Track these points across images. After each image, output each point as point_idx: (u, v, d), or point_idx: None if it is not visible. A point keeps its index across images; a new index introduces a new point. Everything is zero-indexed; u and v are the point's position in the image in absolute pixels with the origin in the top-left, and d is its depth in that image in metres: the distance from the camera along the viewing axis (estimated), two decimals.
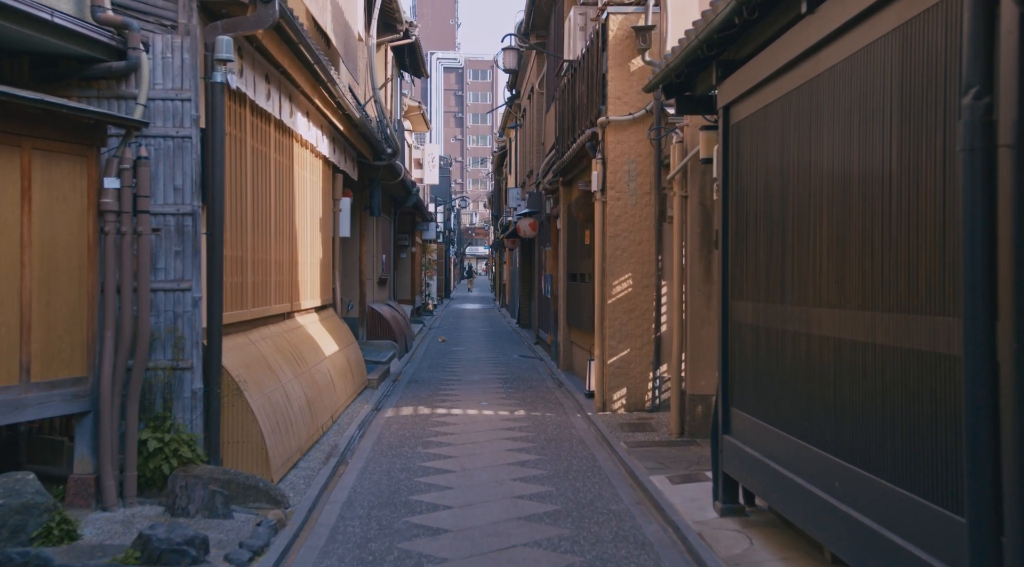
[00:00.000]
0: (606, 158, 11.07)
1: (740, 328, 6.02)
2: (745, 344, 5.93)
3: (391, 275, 21.93)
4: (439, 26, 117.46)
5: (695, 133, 9.13)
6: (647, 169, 11.00)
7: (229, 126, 7.38)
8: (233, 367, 6.92)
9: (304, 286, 10.57)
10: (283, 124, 9.17)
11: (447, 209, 49.50)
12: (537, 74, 21.25)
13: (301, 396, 8.48)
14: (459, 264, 78.16)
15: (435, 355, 18.96)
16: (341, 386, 10.77)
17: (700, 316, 9.24)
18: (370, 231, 18.11)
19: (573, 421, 10.62)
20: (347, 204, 13.06)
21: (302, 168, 10.43)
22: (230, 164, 7.39)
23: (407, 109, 31.73)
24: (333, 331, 11.68)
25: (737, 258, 6.11)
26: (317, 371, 9.65)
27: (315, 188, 11.29)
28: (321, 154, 11.49)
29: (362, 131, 12.67)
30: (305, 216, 10.64)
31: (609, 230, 11.03)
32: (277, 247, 9.12)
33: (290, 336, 9.32)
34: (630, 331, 11.00)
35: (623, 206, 11.03)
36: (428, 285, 37.69)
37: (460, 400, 12.22)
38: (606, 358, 11.05)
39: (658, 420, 10.25)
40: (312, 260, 11.15)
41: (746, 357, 5.93)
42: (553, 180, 16.17)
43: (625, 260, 11.03)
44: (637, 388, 10.98)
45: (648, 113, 10.88)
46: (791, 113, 5.04)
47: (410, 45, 23.05)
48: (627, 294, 11.03)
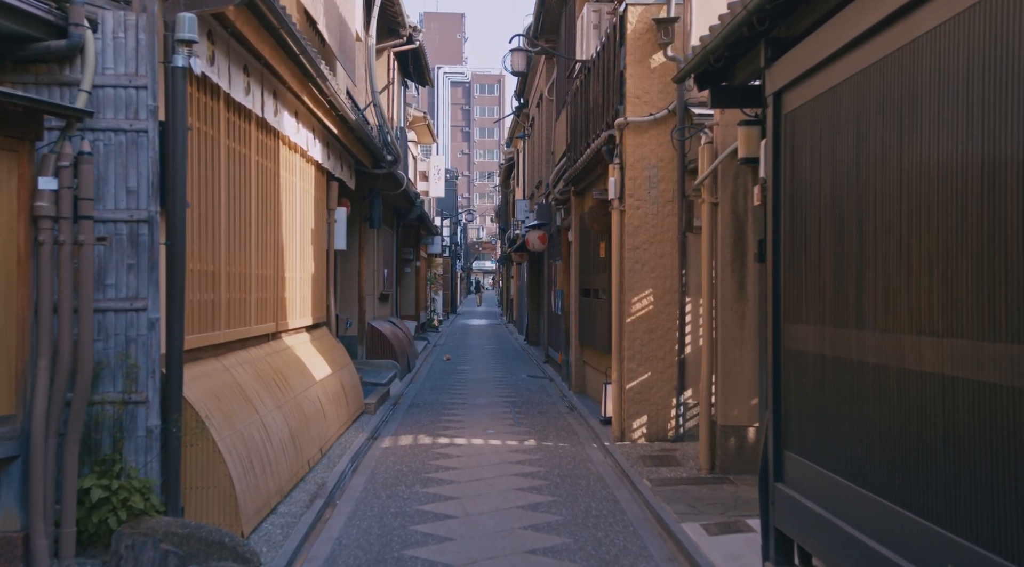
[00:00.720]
0: (624, 163, 10.10)
1: (797, 357, 5.02)
2: (804, 376, 4.93)
3: (393, 290, 20.97)
4: (446, 41, 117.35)
5: (726, 132, 8.16)
6: (669, 175, 10.03)
7: (198, 121, 6.44)
8: (198, 399, 5.94)
9: (292, 303, 9.60)
10: (267, 124, 8.23)
11: (453, 223, 48.62)
12: (547, 80, 20.34)
13: (283, 429, 7.49)
14: (466, 279, 77.32)
15: (439, 375, 17.97)
16: (333, 413, 9.78)
17: (733, 337, 8.25)
18: (370, 244, 17.16)
19: (589, 453, 9.61)
20: (343, 214, 12.11)
21: (291, 173, 9.48)
22: (199, 164, 6.44)
23: (412, 119, 30.86)
24: (326, 352, 10.71)
25: (793, 272, 5.12)
26: (305, 398, 8.66)
27: (306, 196, 10.35)
28: (313, 159, 10.54)
29: (359, 135, 11.73)
30: (294, 226, 9.68)
31: (628, 242, 10.05)
32: (259, 260, 8.16)
33: (274, 359, 8.34)
34: (651, 353, 10.01)
35: (643, 215, 10.06)
36: (433, 300, 36.73)
37: (465, 427, 11.22)
38: (624, 382, 10.05)
39: (683, 452, 9.24)
40: (303, 275, 10.19)
41: (805, 392, 4.93)
42: (564, 189, 15.21)
43: (645, 275, 10.04)
44: (659, 416, 9.98)
45: (671, 113, 9.92)
46: (871, 93, 4.06)
47: (414, 51, 22.18)
48: (648, 312, 10.04)
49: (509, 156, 35.77)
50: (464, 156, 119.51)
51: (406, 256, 27.14)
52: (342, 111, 10.15)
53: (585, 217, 12.78)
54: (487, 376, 17.78)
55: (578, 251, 14.60)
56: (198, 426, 5.81)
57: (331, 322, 11.83)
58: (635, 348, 10.02)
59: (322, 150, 10.77)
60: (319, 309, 11.15)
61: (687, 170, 9.87)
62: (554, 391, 15.24)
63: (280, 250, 8.99)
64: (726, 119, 8.19)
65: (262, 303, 8.25)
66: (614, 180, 10.15)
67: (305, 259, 10.35)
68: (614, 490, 7.86)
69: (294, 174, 9.63)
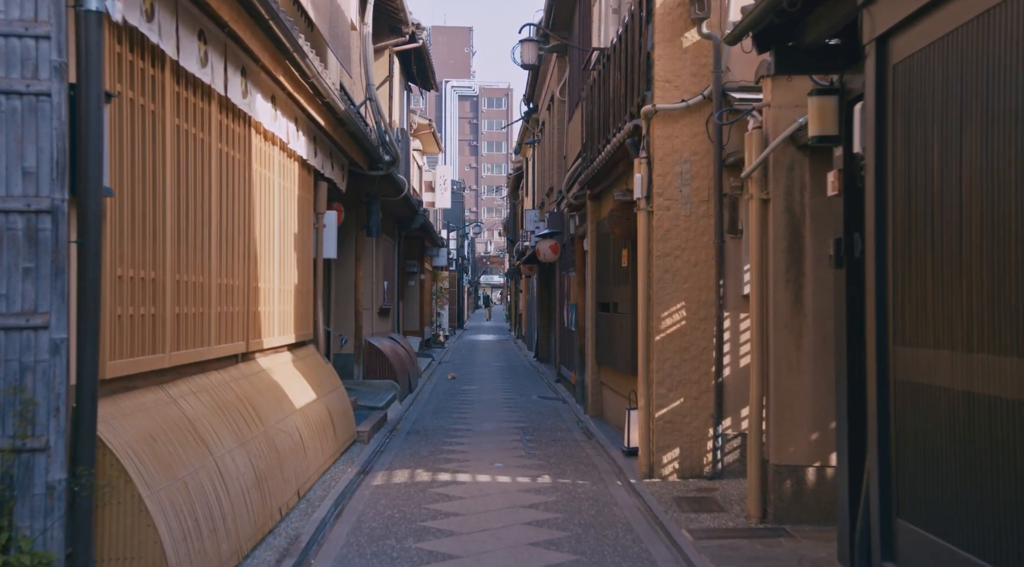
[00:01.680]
0: (652, 157, 8.79)
1: (917, 392, 3.69)
2: (928, 419, 3.60)
3: (395, 305, 19.66)
4: (454, 54, 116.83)
5: (780, 115, 6.85)
6: (704, 170, 8.71)
7: (132, 91, 5.14)
8: (124, 443, 4.62)
9: (269, 319, 8.29)
10: (233, 106, 6.94)
11: (460, 235, 47.39)
12: (558, 80, 19.07)
13: (246, 471, 6.16)
14: (473, 293, 76.08)
15: (443, 396, 16.62)
16: (316, 447, 8.44)
17: (787, 360, 6.89)
18: (368, 254, 15.86)
19: (613, 493, 8.25)
20: (333, 219, 10.81)
21: (267, 168, 8.19)
22: (134, 145, 5.14)
23: (417, 127, 29.66)
24: (311, 374, 9.38)
25: (909, 279, 3.78)
26: (280, 431, 7.33)
27: (287, 196, 9.05)
28: (296, 154, 9.25)
29: (351, 129, 10.44)
30: (271, 229, 8.38)
31: (656, 248, 8.72)
32: (224, 267, 6.85)
33: (243, 386, 7.02)
34: (684, 376, 8.66)
35: (674, 217, 8.73)
36: (439, 315, 35.42)
37: (469, 459, 9.87)
38: (653, 410, 8.70)
39: (724, 493, 7.88)
40: (283, 286, 8.88)
41: (927, 440, 3.60)
42: (579, 193, 13.89)
43: (677, 286, 8.71)
44: (693, 448, 8.62)
45: (706, 99, 8.61)
46: None
47: (418, 52, 20.96)
48: (679, 329, 8.70)
49: (517, 165, 34.53)
50: (472, 170, 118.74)
51: (410, 269, 25.86)
52: (328, 98, 8.87)
53: (604, 222, 11.45)
54: (495, 397, 16.43)
55: (594, 261, 13.28)
56: (120, 478, 4.49)
57: (319, 339, 10.51)
58: (665, 370, 8.67)
59: (307, 144, 9.48)
60: (304, 325, 9.84)
61: (725, 164, 8.56)
62: (568, 415, 13.88)
63: (253, 256, 7.69)
64: (779, 99, 6.87)
65: (227, 319, 6.94)
66: (640, 176, 8.83)
67: (287, 268, 9.04)
68: (648, 545, 6.50)
69: (271, 169, 8.33)
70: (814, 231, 6.87)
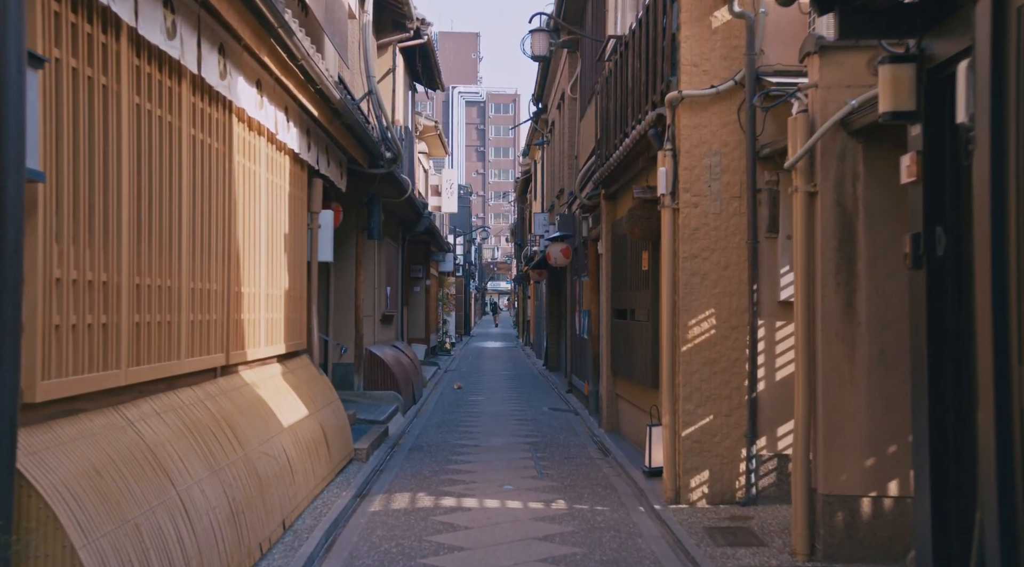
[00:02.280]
0: (678, 149, 7.97)
1: None
2: None
3: (399, 311, 18.85)
4: (461, 60, 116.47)
5: (830, 97, 6.03)
6: (736, 164, 7.88)
7: (76, 59, 4.34)
8: (55, 482, 3.81)
9: (255, 327, 7.48)
10: (210, 88, 6.15)
11: (467, 240, 46.63)
12: (569, 77, 18.27)
13: (219, 505, 5.35)
14: (480, 299, 75.32)
15: (448, 407, 15.79)
16: (307, 469, 7.63)
17: (838, 374, 6.05)
18: (369, 258, 15.06)
19: (637, 521, 7.40)
20: (329, 219, 10.02)
21: (252, 161, 7.39)
22: (77, 122, 4.34)
23: (423, 129, 28.92)
24: (302, 388, 8.57)
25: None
26: (263, 454, 6.52)
27: (277, 193, 8.25)
28: (287, 147, 8.45)
29: (348, 122, 9.64)
30: (258, 229, 7.58)
31: (683, 249, 7.90)
32: (198, 270, 6.05)
33: (220, 404, 6.21)
34: (713, 390, 7.82)
35: (702, 215, 7.90)
36: (445, 322, 34.62)
37: (476, 480, 9.04)
38: (679, 428, 7.86)
39: (761, 522, 7.04)
40: (272, 291, 8.08)
41: None
42: (593, 193, 13.07)
43: (705, 291, 7.88)
44: (724, 471, 7.78)
45: (737, 85, 7.79)
46: None
47: (423, 49, 20.21)
48: (708, 338, 7.86)
49: (526, 167, 33.76)
50: (479, 176, 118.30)
51: (415, 274, 25.07)
52: (321, 85, 8.07)
53: (622, 222, 10.65)
54: (503, 409, 15.59)
55: (610, 265, 12.46)
56: (48, 525, 3.68)
57: (313, 349, 9.70)
58: (692, 384, 7.84)
59: (299, 137, 8.68)
60: (296, 333, 9.03)
61: (759, 156, 7.74)
62: (581, 429, 13.04)
63: (235, 257, 6.88)
64: (829, 78, 6.05)
65: (202, 328, 6.13)
66: (664, 170, 8.01)
67: (276, 271, 8.24)
68: None
69: (257, 162, 7.53)
70: (868, 227, 6.04)
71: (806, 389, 6.16)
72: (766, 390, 7.76)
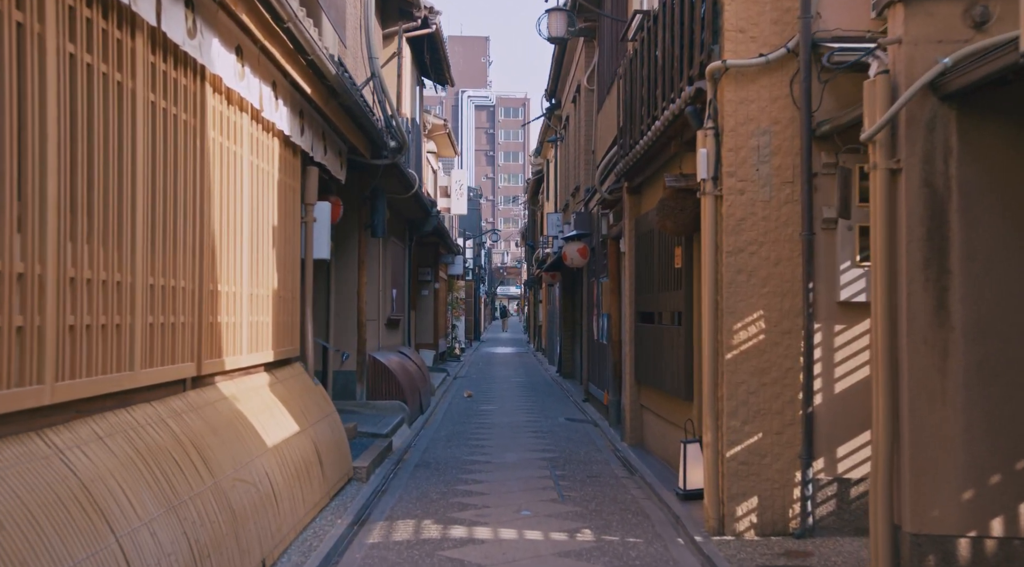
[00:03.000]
0: (721, 128, 6.96)
1: None
2: None
3: (405, 315, 17.86)
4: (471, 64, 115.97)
5: (915, 55, 5.03)
6: (787, 144, 6.87)
7: None
8: None
9: (235, 332, 6.49)
10: (175, 48, 5.17)
11: (477, 244, 45.71)
12: (585, 67, 17.29)
13: (176, 550, 4.35)
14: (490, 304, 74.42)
15: (458, 417, 14.78)
16: (295, 496, 6.63)
17: (927, 389, 5.03)
18: (373, 258, 14.08)
19: (677, 557, 6.38)
20: (325, 211, 9.03)
21: (232, 140, 6.41)
22: None
23: (431, 127, 28.00)
24: (293, 400, 7.58)
25: None
26: (239, 482, 5.52)
27: (264, 179, 7.27)
28: (276, 129, 7.48)
29: (346, 103, 8.66)
30: (239, 218, 6.59)
31: (727, 242, 6.88)
32: (159, 262, 5.07)
33: (187, 423, 5.22)
34: (762, 404, 6.80)
35: (749, 203, 6.89)
36: (455, 327, 33.65)
37: (489, 504, 8.03)
38: (723, 447, 6.84)
39: (823, 559, 6.02)
40: (257, 290, 7.09)
41: None
42: (615, 187, 12.07)
43: (753, 290, 6.86)
44: (775, 497, 6.76)
45: (790, 53, 6.78)
46: None
47: (431, 40, 19.26)
48: (756, 345, 6.84)
49: (537, 167, 32.77)
50: (488, 180, 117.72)
51: (423, 277, 24.11)
52: (313, 55, 7.09)
53: (652, 215, 9.65)
54: (517, 419, 14.57)
55: (633, 264, 11.44)
56: None
57: (307, 356, 8.71)
58: (738, 397, 6.82)
59: (290, 118, 7.70)
60: (287, 339, 8.04)
61: (815, 135, 6.74)
62: (602, 442, 12.01)
63: (209, 250, 5.90)
64: (915, 32, 5.05)
65: (165, 333, 5.14)
66: (705, 153, 7.00)
67: (263, 268, 7.25)
68: None
69: (238, 142, 6.55)
70: (964, 213, 5.02)
71: (887, 406, 5.13)
72: (824, 404, 6.73)
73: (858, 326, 6.75)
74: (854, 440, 6.71)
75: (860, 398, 6.67)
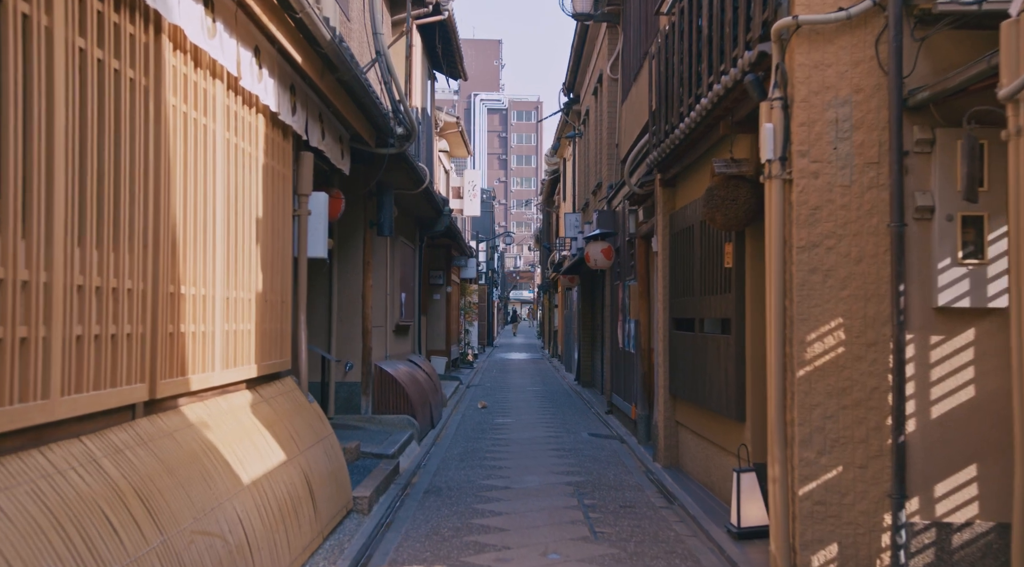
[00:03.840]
0: (791, 99, 5.79)
1: None
2: None
3: (415, 320, 16.72)
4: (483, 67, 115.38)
5: None
6: (873, 117, 5.70)
7: None
8: None
9: (205, 343, 5.36)
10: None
11: (490, 246, 44.60)
12: (608, 55, 16.14)
13: None
14: (503, 309, 73.35)
15: (471, 432, 13.62)
16: (276, 542, 5.48)
17: None
18: (380, 259, 12.96)
19: None
20: (322, 203, 7.90)
21: (201, 112, 5.27)
22: None
23: (444, 125, 26.92)
24: (280, 423, 6.44)
25: None
26: (200, 535, 4.37)
27: (245, 162, 6.13)
28: (261, 104, 6.36)
29: (344, 78, 7.53)
30: (210, 206, 5.46)
31: (798, 236, 5.71)
32: (90, 256, 3.94)
33: (131, 462, 4.08)
34: (842, 432, 5.62)
35: (825, 188, 5.72)
36: (468, 332, 32.52)
37: (511, 542, 6.87)
38: (795, 483, 5.66)
39: None
40: (236, 294, 5.96)
41: None
42: (647, 178, 10.90)
43: (829, 293, 5.69)
44: (859, 544, 5.57)
45: (877, 5, 5.62)
46: None
47: (443, 27, 18.19)
48: (834, 359, 5.67)
49: (553, 167, 31.61)
50: (501, 184, 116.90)
51: (434, 280, 22.99)
52: (302, 13, 5.96)
53: (697, 207, 8.50)
54: (535, 434, 13.40)
55: (667, 264, 10.27)
56: None
57: (300, 369, 7.57)
58: (812, 423, 5.64)
59: (279, 92, 6.57)
60: (275, 350, 6.90)
61: (906, 106, 5.57)
62: (632, 462, 10.84)
63: (168, 243, 4.77)
64: None
65: (101, 347, 4.01)
66: (771, 128, 5.83)
67: (243, 267, 6.12)
68: None
69: (209, 115, 5.42)
70: None
71: None
72: (918, 432, 5.55)
73: (960, 336, 5.57)
74: (957, 475, 5.53)
75: (965, 425, 5.50)
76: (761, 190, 7.08)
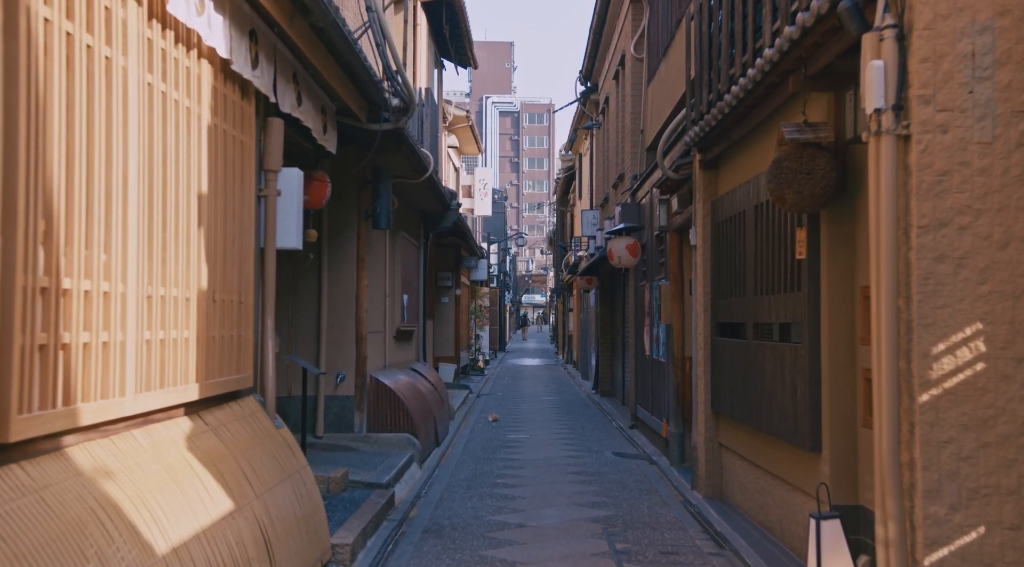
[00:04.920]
0: (908, 26, 4.28)
1: None
2: None
3: (420, 325, 15.23)
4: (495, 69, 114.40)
5: None
6: (1022, 48, 4.18)
7: None
8: None
9: (107, 359, 3.87)
10: None
11: (502, 248, 43.15)
12: (632, 33, 14.65)
13: None
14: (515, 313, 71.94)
15: (481, 451, 12.12)
16: None
17: None
18: (378, 257, 11.49)
19: None
20: (295, 180, 6.43)
21: (100, 38, 3.80)
22: None
23: (453, 119, 25.45)
24: (229, 459, 4.95)
25: None
26: None
27: (179, 116, 4.65)
28: (205, 47, 4.88)
29: (319, 25, 6.05)
30: (115, 166, 3.97)
31: (919, 212, 4.20)
32: None
33: None
34: (984, 478, 4.11)
35: (957, 146, 4.21)
36: (478, 337, 31.04)
37: None
38: (918, 549, 4.15)
39: None
40: (165, 290, 4.48)
41: None
42: (683, 161, 9.40)
43: (964, 289, 4.18)
44: None
45: None
46: None
47: (450, 7, 16.73)
48: (971, 378, 4.15)
49: (568, 164, 30.14)
50: (512, 186, 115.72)
51: (442, 282, 21.52)
52: None
53: (764, 181, 6.99)
54: (553, 454, 11.89)
55: (708, 260, 8.76)
56: None
57: (267, 386, 6.08)
58: (942, 465, 4.12)
59: (231, 34, 5.10)
60: (229, 363, 5.42)
61: None
62: (667, 491, 9.31)
63: (41, 213, 3.29)
64: None
65: None
66: (880, 66, 4.31)
67: (177, 255, 4.64)
68: None
69: (113, 43, 3.94)
70: None
71: None
72: None
73: None
74: None
75: None
76: (843, 162, 5.59)
